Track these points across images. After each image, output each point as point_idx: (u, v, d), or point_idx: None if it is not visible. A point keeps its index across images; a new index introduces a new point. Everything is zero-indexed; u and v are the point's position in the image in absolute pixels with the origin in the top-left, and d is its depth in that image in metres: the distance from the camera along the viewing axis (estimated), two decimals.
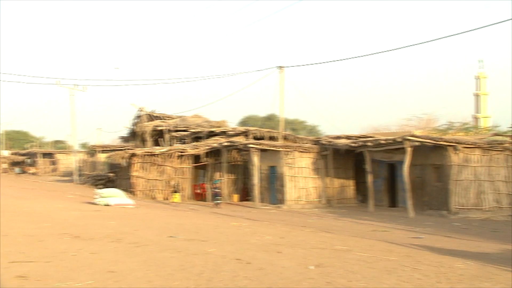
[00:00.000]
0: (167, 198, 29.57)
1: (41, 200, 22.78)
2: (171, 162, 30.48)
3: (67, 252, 9.02)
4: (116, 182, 34.91)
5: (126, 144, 43.45)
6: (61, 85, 43.10)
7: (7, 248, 9.51)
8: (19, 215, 15.51)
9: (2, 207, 17.80)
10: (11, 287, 6.51)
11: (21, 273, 7.21)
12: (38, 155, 61.30)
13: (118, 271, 7.30)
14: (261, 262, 8.29)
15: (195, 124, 36.52)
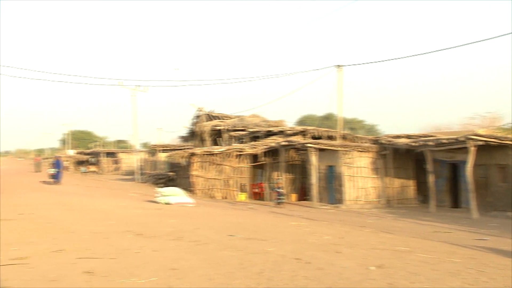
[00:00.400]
0: (226, 197, 29.85)
1: (105, 198, 23.38)
2: (229, 161, 30.73)
3: (130, 249, 9.26)
4: (176, 181, 35.51)
5: (185, 143, 44.12)
6: (123, 86, 44.15)
7: (74, 245, 9.86)
8: (85, 212, 16.00)
9: (69, 205, 18.43)
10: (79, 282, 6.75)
11: (88, 269, 7.45)
12: (101, 155, 62.88)
13: (180, 269, 7.43)
14: (321, 262, 8.26)
15: (253, 123, 36.72)
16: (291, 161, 30.83)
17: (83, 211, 16.52)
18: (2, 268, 7.67)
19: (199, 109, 39.92)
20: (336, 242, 11.06)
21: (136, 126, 46.88)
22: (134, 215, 15.72)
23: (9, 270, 7.49)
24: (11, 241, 10.30)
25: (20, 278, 6.96)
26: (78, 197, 22.73)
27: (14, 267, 7.75)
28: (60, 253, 8.94)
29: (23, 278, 6.96)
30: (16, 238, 10.82)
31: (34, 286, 6.50)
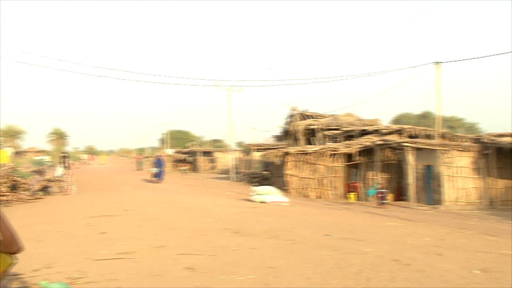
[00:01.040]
0: (320, 196, 29.75)
1: (203, 197, 23.94)
2: (323, 160, 30.59)
3: (228, 247, 9.44)
4: (270, 180, 35.75)
5: (279, 143, 44.33)
6: (219, 86, 44.94)
7: (174, 241, 10.17)
8: (184, 210, 16.45)
9: (170, 202, 19.02)
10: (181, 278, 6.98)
11: (189, 265, 7.69)
12: (198, 154, 64.31)
13: (277, 267, 7.51)
14: (421, 264, 8.06)
15: (347, 122, 36.35)
16: (387, 161, 30.24)
17: (182, 208, 16.99)
18: (110, 262, 8.07)
19: (293, 109, 39.98)
20: (436, 244, 10.75)
21: (231, 125, 47.70)
22: (230, 213, 16.00)
23: (116, 264, 7.86)
24: (117, 237, 10.79)
25: (127, 272, 7.29)
26: (177, 195, 23.40)
27: (120, 261, 8.13)
28: (162, 249, 9.27)
29: (129, 272, 7.28)
30: (122, 233, 11.32)
31: (140, 280, 6.79)
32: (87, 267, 7.62)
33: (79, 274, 7.10)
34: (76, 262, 8.04)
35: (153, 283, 6.65)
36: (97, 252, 8.90)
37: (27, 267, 6.87)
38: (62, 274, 6.98)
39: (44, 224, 13.46)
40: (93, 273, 7.15)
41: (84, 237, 10.95)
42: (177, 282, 6.73)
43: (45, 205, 19.49)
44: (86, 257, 8.42)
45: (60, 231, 11.79)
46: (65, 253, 8.86)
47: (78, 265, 7.72)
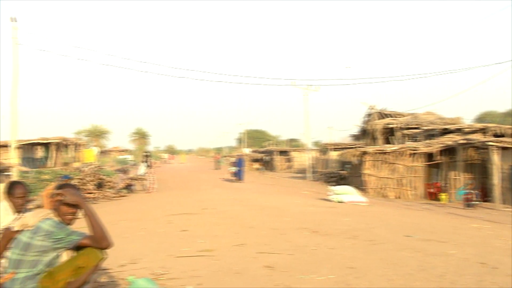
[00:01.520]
0: (399, 196, 29.12)
1: (280, 196, 23.99)
2: (402, 160, 29.91)
3: (307, 246, 9.41)
4: (347, 179, 35.39)
5: (357, 142, 43.83)
6: (296, 85, 44.88)
7: (253, 240, 10.25)
8: (262, 209, 16.53)
9: (248, 201, 19.17)
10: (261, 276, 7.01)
11: (268, 264, 7.72)
12: (274, 153, 64.50)
13: (357, 267, 7.41)
14: (509, 267, 7.67)
15: (427, 121, 35.44)
16: (470, 160, 29.20)
17: (260, 207, 17.08)
18: (191, 259, 8.22)
19: (371, 107, 39.40)
20: None
21: (307, 125, 47.51)
22: (308, 212, 15.95)
23: (198, 261, 8.00)
24: (198, 234, 10.99)
25: (208, 269, 7.40)
26: (255, 194, 23.56)
27: (201, 258, 8.27)
28: (241, 247, 9.35)
29: (210, 269, 7.39)
30: (202, 231, 11.51)
31: (221, 278, 6.88)
32: (170, 263, 7.80)
33: (162, 270, 7.28)
34: (160, 258, 8.24)
35: (234, 280, 6.73)
36: (179, 249, 9.10)
37: (114, 262, 7.10)
38: (147, 270, 7.18)
39: (128, 221, 13.90)
40: (175, 270, 7.31)
41: (166, 234, 11.22)
42: (257, 280, 6.77)
43: (128, 202, 20.12)
44: (168, 254, 8.62)
45: (144, 228, 12.13)
46: (148, 250, 9.11)
47: (161, 262, 7.92)
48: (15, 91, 23.48)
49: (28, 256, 4.36)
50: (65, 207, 4.55)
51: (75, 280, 4.34)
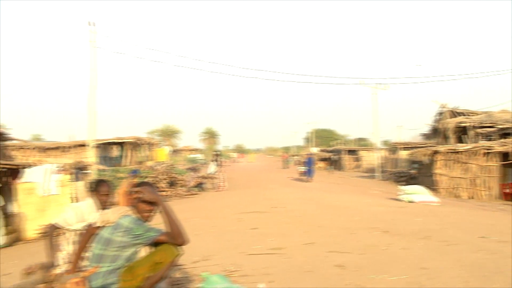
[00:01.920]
0: (472, 196, 28.22)
1: (349, 195, 23.74)
2: (476, 159, 28.96)
3: (378, 246, 9.27)
4: (418, 179, 34.65)
5: (427, 141, 42.82)
6: (364, 84, 44.35)
7: (323, 239, 10.20)
8: (331, 208, 16.43)
9: (316, 200, 19.09)
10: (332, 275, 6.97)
11: (339, 263, 7.67)
12: (343, 152, 63.93)
13: (430, 268, 7.23)
14: None
15: (502, 120, 34.15)
16: None
17: (329, 206, 16.98)
18: (262, 256, 8.27)
19: (442, 106, 38.32)
20: None
21: (376, 124, 46.82)
22: (378, 212, 15.71)
23: (268, 259, 8.05)
24: (268, 232, 11.04)
25: (279, 267, 7.43)
26: (323, 193, 23.42)
27: (272, 256, 8.31)
28: (311, 246, 9.33)
29: (281, 267, 7.41)
30: (272, 229, 11.55)
31: (292, 276, 6.89)
32: (241, 260, 7.88)
33: (234, 267, 7.36)
34: (231, 255, 8.34)
35: (305, 279, 6.72)
36: (249, 247, 9.17)
37: (187, 258, 7.22)
38: (219, 267, 7.28)
39: (200, 218, 14.12)
40: (247, 267, 7.38)
41: (237, 232, 11.33)
42: (328, 279, 6.74)
43: (200, 200, 20.45)
44: (240, 251, 8.71)
45: (215, 225, 12.31)
46: (220, 247, 9.23)
47: (233, 259, 8.01)
48: (93, 93, 24.30)
49: (109, 251, 4.52)
50: (143, 205, 4.68)
51: (153, 275, 4.46)
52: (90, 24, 24.73)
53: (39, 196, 15.88)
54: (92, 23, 24.75)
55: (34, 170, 16.59)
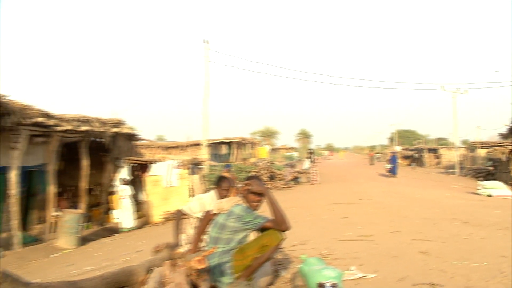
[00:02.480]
0: None
1: (430, 189, 22.86)
2: None
3: (459, 235, 8.83)
4: (495, 175, 32.79)
5: (505, 140, 40.49)
6: (444, 89, 42.73)
7: (407, 228, 9.87)
8: (414, 200, 15.90)
9: (400, 193, 18.56)
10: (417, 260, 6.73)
11: (422, 250, 7.38)
12: (424, 150, 61.79)
13: (510, 257, 6.76)
14: None
15: None
16: None
17: (412, 199, 16.44)
18: (352, 242, 8.13)
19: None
20: None
21: (456, 125, 44.71)
22: (458, 204, 15.00)
23: (358, 245, 7.89)
24: (356, 221, 10.85)
25: (367, 252, 7.26)
26: (407, 187, 22.71)
27: (361, 242, 8.15)
28: (397, 234, 9.06)
29: (370, 252, 7.24)
30: (360, 218, 11.35)
31: (380, 260, 6.72)
32: (333, 245, 7.79)
33: (327, 251, 7.29)
34: (325, 241, 8.27)
35: (392, 263, 6.52)
36: (341, 234, 9.05)
37: (287, 242, 7.21)
38: (315, 250, 7.23)
39: (297, 208, 14.11)
40: (339, 251, 7.28)
41: (329, 220, 11.24)
42: (413, 263, 6.50)
43: (296, 192, 20.46)
44: (332, 237, 8.62)
45: (310, 214, 12.26)
46: (315, 233, 9.18)
47: (326, 244, 7.94)
48: (206, 100, 25.00)
49: (224, 234, 4.62)
50: (252, 195, 4.74)
51: (260, 256, 4.51)
52: (205, 42, 25.47)
53: (163, 187, 16.53)
54: (206, 41, 25.47)
55: (159, 165, 17.28)
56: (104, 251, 11.58)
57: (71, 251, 12.94)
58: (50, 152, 15.06)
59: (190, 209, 6.15)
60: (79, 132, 15.75)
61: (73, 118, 15.37)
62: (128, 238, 13.64)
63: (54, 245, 13.64)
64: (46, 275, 8.78)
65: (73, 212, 14.21)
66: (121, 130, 18.19)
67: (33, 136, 14.02)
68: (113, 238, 14.53)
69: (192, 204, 6.21)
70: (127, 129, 18.65)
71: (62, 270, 9.43)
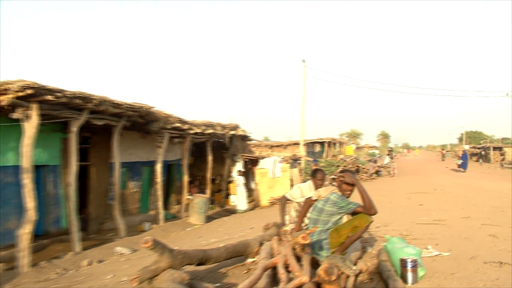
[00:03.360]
0: None
1: (495, 182, 20.96)
2: None
3: None
4: None
5: None
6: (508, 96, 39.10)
7: (477, 214, 9.19)
8: (481, 191, 14.70)
9: (469, 185, 17.25)
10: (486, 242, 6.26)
11: (491, 233, 6.85)
12: (489, 149, 56.99)
13: None
14: None
15: None
16: None
17: (480, 190, 15.20)
18: (428, 226, 7.73)
19: None
20: None
21: None
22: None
23: (433, 228, 7.48)
24: (431, 208, 10.28)
25: (442, 234, 6.87)
26: (475, 180, 20.97)
27: (436, 226, 7.72)
28: (467, 219, 8.47)
29: (444, 234, 6.84)
30: (434, 205, 10.73)
31: (453, 241, 6.32)
32: (412, 228, 7.46)
33: (407, 232, 7.00)
34: (404, 224, 7.95)
35: (464, 244, 6.11)
36: (418, 218, 8.65)
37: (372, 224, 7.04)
38: (396, 231, 6.98)
39: (378, 196, 13.57)
40: (417, 233, 6.96)
41: (407, 206, 10.76)
42: (483, 244, 6.05)
43: (378, 183, 19.74)
44: (410, 221, 8.25)
45: (390, 201, 11.80)
46: (395, 217, 8.84)
47: (405, 226, 7.63)
48: (303, 108, 25.17)
49: (322, 217, 4.62)
50: (345, 185, 4.69)
51: (352, 235, 4.45)
52: (303, 61, 25.53)
53: (269, 177, 16.72)
54: (303, 61, 25.51)
55: (265, 160, 17.53)
56: (225, 227, 11.85)
57: (200, 226, 13.48)
58: (184, 150, 15.87)
59: (292, 195, 6.14)
60: (206, 134, 16.45)
61: (201, 124, 16.07)
62: (242, 218, 13.95)
63: (187, 221, 14.29)
64: (182, 244, 9.21)
65: (201, 197, 14.80)
66: (237, 133, 18.73)
67: (172, 138, 14.83)
68: (231, 217, 14.93)
69: (293, 191, 6.20)
70: (241, 132, 19.17)
71: (194, 240, 9.86)
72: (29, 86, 8.37)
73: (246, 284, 3.56)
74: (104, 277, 6.74)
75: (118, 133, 12.07)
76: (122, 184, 13.91)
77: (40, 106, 8.90)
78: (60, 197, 11.82)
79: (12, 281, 7.82)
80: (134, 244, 10.50)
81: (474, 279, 4.38)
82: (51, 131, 11.04)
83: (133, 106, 11.64)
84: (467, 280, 4.33)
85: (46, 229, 11.37)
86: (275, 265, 4.21)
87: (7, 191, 10.03)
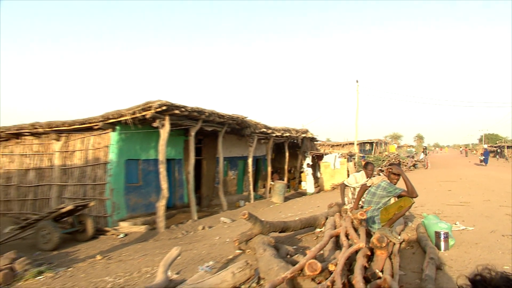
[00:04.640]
0: None
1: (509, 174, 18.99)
2: None
3: None
4: None
5: None
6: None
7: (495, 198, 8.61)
8: (500, 180, 13.38)
9: (488, 176, 15.81)
10: (504, 220, 5.98)
11: (508, 213, 6.51)
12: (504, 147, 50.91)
13: None
14: None
15: None
16: None
17: (498, 179, 13.89)
18: (455, 206, 7.46)
19: None
20: None
21: None
22: None
23: (459, 208, 7.24)
24: (458, 193, 9.77)
25: (467, 213, 6.64)
26: (493, 172, 19.03)
27: (461, 207, 7.46)
28: (487, 202, 8.01)
29: (469, 213, 6.61)
30: (460, 191, 10.16)
31: (476, 219, 6.09)
32: (442, 208, 7.28)
33: (439, 211, 6.87)
34: (436, 205, 7.74)
35: (485, 221, 5.92)
36: (447, 200, 8.35)
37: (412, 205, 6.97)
38: (430, 211, 6.87)
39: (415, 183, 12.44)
40: (447, 212, 6.81)
41: (438, 192, 10.29)
42: (501, 222, 5.83)
43: (415, 174, 18.74)
44: (441, 203, 8.00)
45: (425, 188, 11.29)
46: (429, 200, 8.58)
47: (437, 207, 7.45)
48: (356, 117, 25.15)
49: (374, 199, 4.57)
50: (393, 175, 4.60)
51: (398, 213, 4.34)
52: (356, 81, 24.91)
53: (331, 169, 16.48)
54: (357, 81, 24.91)
55: (328, 156, 17.30)
56: (298, 205, 11.83)
57: (279, 204, 13.47)
58: (268, 148, 16.07)
59: (348, 182, 6.05)
60: (284, 137, 16.60)
61: (280, 129, 16.17)
62: (311, 199, 13.91)
63: (270, 200, 14.31)
64: (267, 217, 9.27)
65: (280, 182, 14.88)
66: (307, 135, 18.71)
67: (259, 139, 15.00)
68: (302, 198, 14.91)
69: (349, 179, 6.10)
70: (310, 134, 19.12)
71: (276, 215, 9.92)
72: (164, 104, 8.76)
73: (317, 248, 3.47)
74: (213, 238, 6.93)
75: (221, 136, 12.45)
76: (225, 173, 14.39)
77: (171, 117, 9.26)
78: (183, 181, 12.17)
79: (154, 238, 8.20)
80: (233, 215, 10.76)
81: (494, 248, 4.35)
82: (177, 135, 11.73)
83: (232, 116, 11.99)
84: (488, 249, 4.31)
85: (174, 203, 11.70)
86: (338, 234, 4.09)
87: (150, 177, 10.57)
